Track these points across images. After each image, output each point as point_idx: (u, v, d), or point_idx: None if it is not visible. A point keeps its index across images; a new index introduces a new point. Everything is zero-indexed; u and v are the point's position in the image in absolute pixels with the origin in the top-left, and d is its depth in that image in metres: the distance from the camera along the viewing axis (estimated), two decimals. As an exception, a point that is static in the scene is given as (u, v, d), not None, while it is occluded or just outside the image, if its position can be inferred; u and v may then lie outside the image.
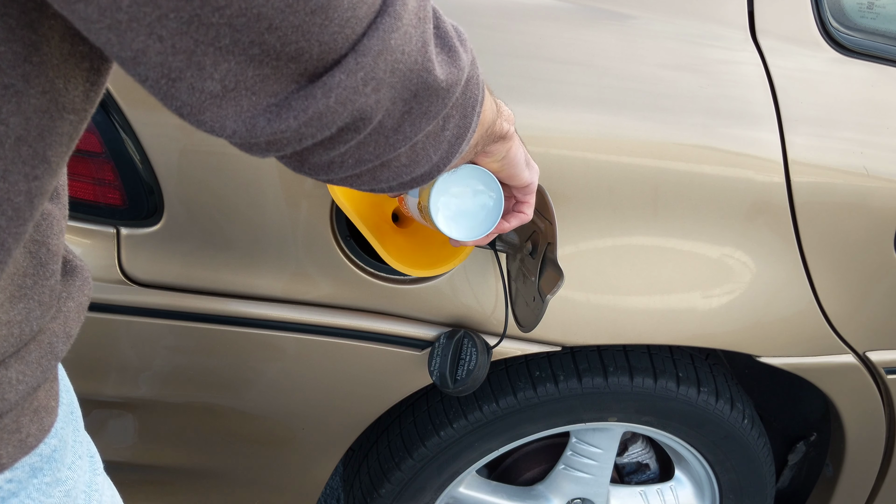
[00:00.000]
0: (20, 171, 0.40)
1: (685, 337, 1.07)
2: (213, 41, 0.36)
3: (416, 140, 0.47)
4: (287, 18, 0.36)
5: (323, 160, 0.45)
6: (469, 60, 0.49)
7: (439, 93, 0.46)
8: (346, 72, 0.39)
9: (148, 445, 1.09)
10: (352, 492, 1.26)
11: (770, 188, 1.01)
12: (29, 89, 0.38)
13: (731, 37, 1.03)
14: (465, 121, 0.51)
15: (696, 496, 1.38)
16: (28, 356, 0.48)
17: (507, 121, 0.66)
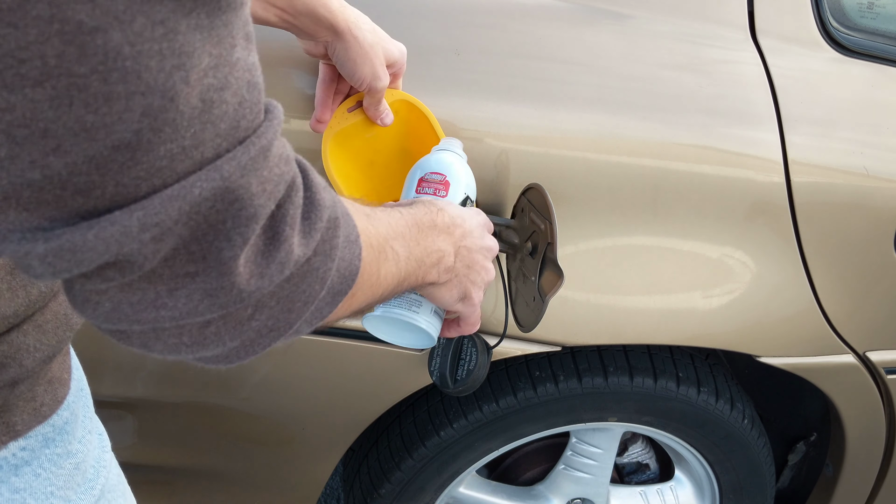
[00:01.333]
0: None
1: (685, 337, 1.07)
2: None
3: (195, 321, 0.39)
4: (82, 145, 0.30)
5: (81, 294, 0.37)
6: (303, 255, 0.42)
7: (236, 279, 0.38)
8: (127, 211, 0.33)
9: (148, 445, 1.09)
10: (352, 492, 1.26)
11: (770, 188, 1.01)
12: None
13: (731, 37, 1.03)
14: (287, 315, 0.43)
15: (696, 496, 1.38)
16: (45, 325, 0.49)
17: (441, 272, 0.63)
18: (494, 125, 0.92)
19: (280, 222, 0.40)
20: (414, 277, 0.60)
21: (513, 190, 0.94)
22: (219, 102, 0.34)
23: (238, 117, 0.36)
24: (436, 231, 0.63)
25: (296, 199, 0.41)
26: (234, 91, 0.35)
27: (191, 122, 0.33)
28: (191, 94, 0.32)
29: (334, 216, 0.45)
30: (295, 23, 0.76)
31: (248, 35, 0.36)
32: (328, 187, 0.46)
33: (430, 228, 0.63)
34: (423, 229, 0.62)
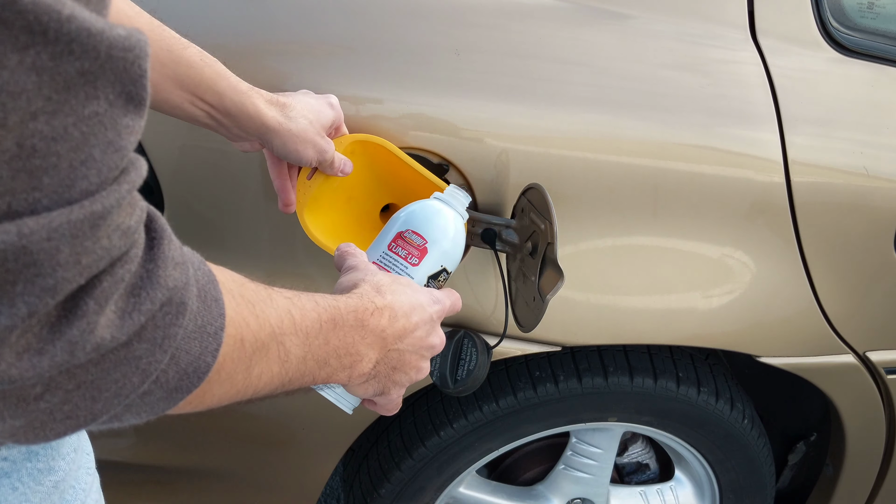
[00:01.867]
0: None
1: (685, 337, 1.07)
2: None
3: None
4: None
5: None
6: (112, 338, 0.36)
7: (2, 357, 0.32)
8: None
9: (148, 445, 1.09)
10: (352, 492, 1.26)
11: (770, 188, 1.01)
12: None
13: (731, 37, 1.03)
14: (88, 404, 0.37)
15: (696, 496, 1.38)
16: None
17: (353, 375, 0.58)
18: (494, 125, 0.92)
19: (84, 294, 0.34)
20: (310, 378, 0.55)
21: (513, 190, 0.94)
22: (45, 153, 0.31)
23: (74, 176, 0.32)
24: (362, 332, 0.57)
25: (118, 273, 0.35)
26: (73, 145, 0.32)
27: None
28: (4, 137, 0.30)
29: (179, 300, 0.38)
30: (225, 122, 0.74)
31: (130, 95, 0.33)
32: (185, 265, 0.40)
33: (355, 328, 0.56)
34: (343, 328, 0.55)
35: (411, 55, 0.91)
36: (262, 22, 0.91)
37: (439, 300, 0.69)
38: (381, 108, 0.89)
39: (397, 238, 0.74)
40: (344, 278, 0.65)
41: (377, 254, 0.74)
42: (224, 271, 0.46)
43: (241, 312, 0.45)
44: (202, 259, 0.44)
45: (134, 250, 0.36)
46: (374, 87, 0.89)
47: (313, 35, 0.91)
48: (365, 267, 0.66)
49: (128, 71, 0.33)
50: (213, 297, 0.42)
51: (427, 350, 0.66)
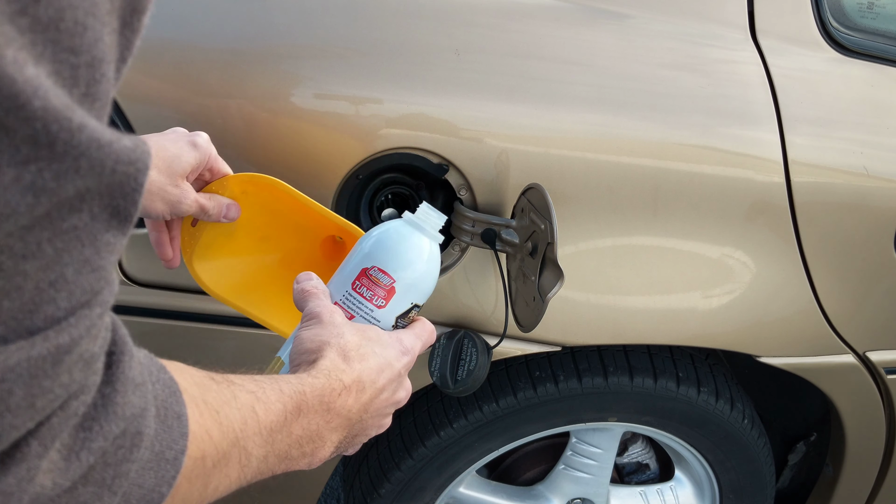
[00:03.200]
0: None
1: (685, 337, 1.07)
2: None
3: None
4: None
5: None
6: (65, 483, 0.31)
7: None
8: None
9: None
10: (352, 492, 1.26)
11: (770, 188, 1.01)
12: None
13: (731, 37, 1.03)
14: None
15: (696, 496, 1.38)
16: None
17: (313, 461, 0.56)
18: (494, 125, 0.92)
19: (27, 435, 0.29)
20: (268, 473, 0.51)
21: (513, 190, 0.94)
22: (11, 272, 0.26)
23: (40, 300, 0.27)
24: (327, 416, 0.54)
25: (71, 408, 0.30)
26: (43, 264, 0.27)
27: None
28: None
29: (135, 430, 0.34)
30: None
31: (117, 210, 0.29)
32: (144, 385, 0.35)
33: (321, 413, 0.53)
34: (308, 414, 0.52)
35: (411, 55, 0.91)
36: (262, 23, 0.91)
37: (408, 350, 0.64)
38: (381, 108, 0.89)
39: (361, 276, 0.66)
40: (307, 334, 0.60)
41: (340, 293, 0.67)
42: (185, 372, 0.42)
43: (203, 424, 0.41)
44: (161, 366, 0.38)
45: (92, 377, 0.31)
46: (374, 87, 0.89)
47: (313, 36, 0.91)
48: (329, 317, 0.61)
49: (122, 186, 0.28)
50: (176, 414, 0.37)
51: (392, 407, 0.63)
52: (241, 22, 0.92)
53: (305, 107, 0.89)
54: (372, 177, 0.93)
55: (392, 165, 0.92)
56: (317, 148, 0.89)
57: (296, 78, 0.89)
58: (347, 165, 0.90)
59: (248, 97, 0.88)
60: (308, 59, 0.89)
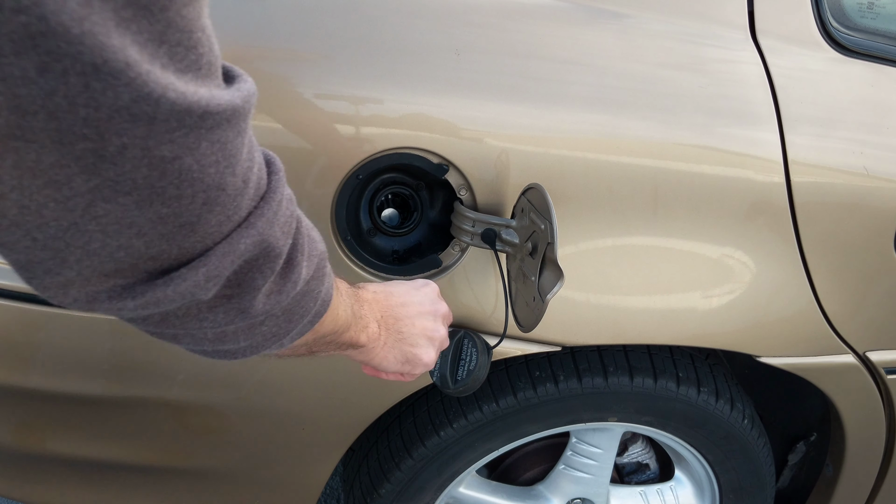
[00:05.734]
0: None
1: (685, 337, 1.07)
2: (84, 245, 0.38)
3: (226, 329, 0.50)
4: (156, 228, 0.40)
5: (143, 315, 0.46)
6: (308, 275, 0.53)
7: (258, 303, 0.49)
8: (192, 268, 0.43)
9: (148, 445, 1.09)
10: (352, 492, 1.26)
11: (770, 188, 1.01)
12: None
13: (731, 37, 1.03)
14: (287, 325, 0.54)
15: (696, 496, 1.38)
16: None
17: (367, 335, 0.72)
18: (494, 125, 0.92)
19: (295, 251, 0.50)
20: (353, 330, 0.69)
21: (513, 190, 0.94)
22: (251, 176, 0.44)
23: (258, 179, 0.45)
24: (357, 300, 0.71)
25: (303, 230, 0.51)
26: (256, 162, 0.44)
27: (234, 198, 0.42)
28: (235, 180, 0.42)
29: (323, 249, 0.56)
30: None
31: None
32: (320, 240, 0.57)
33: (353, 296, 0.71)
34: (348, 294, 0.69)
35: (411, 55, 0.91)
36: (261, 23, 0.91)
37: (426, 282, 0.83)
38: (381, 108, 0.89)
39: None
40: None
41: None
42: None
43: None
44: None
45: (297, 212, 0.51)
46: (374, 87, 0.89)
47: (313, 35, 0.91)
48: None
49: None
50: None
51: (430, 313, 0.80)
52: (240, 22, 0.92)
53: (305, 107, 0.89)
54: (372, 177, 0.93)
55: (392, 165, 0.92)
56: (317, 148, 0.89)
57: (295, 78, 0.89)
58: (347, 165, 0.90)
59: (248, 97, 0.88)
60: (308, 58, 0.89)
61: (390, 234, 0.98)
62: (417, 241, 1.00)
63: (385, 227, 0.97)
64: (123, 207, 0.37)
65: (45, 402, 1.04)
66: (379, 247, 0.98)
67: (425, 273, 0.98)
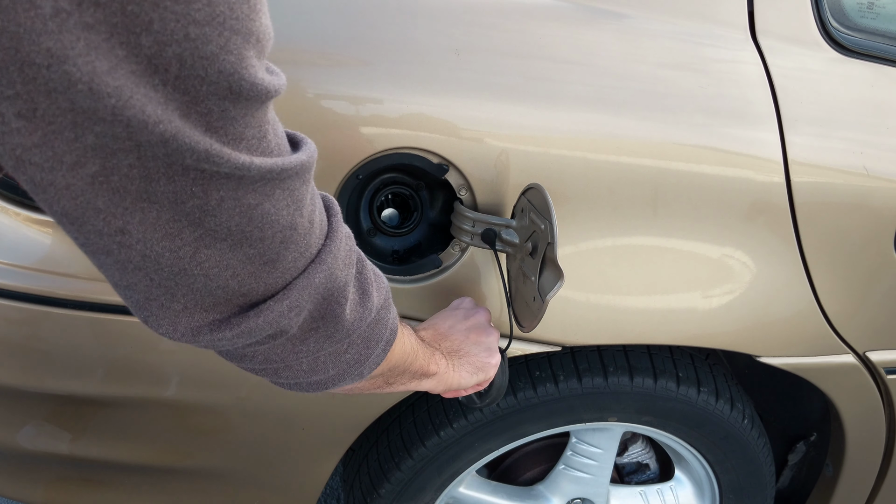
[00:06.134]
0: None
1: (685, 337, 1.07)
2: (190, 284, 0.47)
3: (318, 355, 0.58)
4: (246, 268, 0.48)
5: (240, 353, 0.55)
6: (379, 304, 0.62)
7: (343, 323, 0.57)
8: (277, 300, 0.51)
9: (148, 445, 1.09)
10: (352, 492, 1.26)
11: (770, 188, 1.01)
12: None
13: (730, 36, 1.03)
14: (366, 351, 0.62)
15: (696, 496, 1.38)
16: None
17: (437, 364, 0.80)
18: (494, 125, 0.92)
19: (363, 280, 0.60)
20: (422, 359, 0.76)
21: (513, 190, 0.94)
22: (315, 219, 0.52)
23: (322, 222, 0.54)
24: (413, 336, 0.77)
25: (366, 263, 0.61)
26: (318, 206, 0.54)
27: (304, 236, 0.51)
28: (303, 220, 0.50)
29: (386, 284, 0.65)
30: None
31: None
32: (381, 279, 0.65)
33: (409, 335, 0.77)
34: (404, 336, 0.75)
35: (411, 55, 0.91)
36: (262, 22, 0.91)
37: (459, 304, 0.93)
38: (381, 108, 0.89)
39: None
40: None
41: None
42: None
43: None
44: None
45: (356, 257, 0.59)
46: (374, 87, 0.89)
47: (312, 35, 0.91)
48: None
49: None
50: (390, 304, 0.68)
51: (473, 324, 0.88)
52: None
53: (305, 107, 0.89)
54: (372, 177, 0.93)
55: (392, 165, 0.92)
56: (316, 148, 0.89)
57: (295, 78, 0.89)
58: (347, 165, 0.90)
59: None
60: (307, 59, 0.89)
61: (390, 234, 0.98)
62: (417, 241, 1.00)
63: (385, 227, 0.97)
64: (220, 252, 0.46)
65: (45, 403, 1.04)
66: (379, 247, 0.98)
67: (425, 273, 0.98)
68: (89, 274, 0.93)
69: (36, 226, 0.93)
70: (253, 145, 0.45)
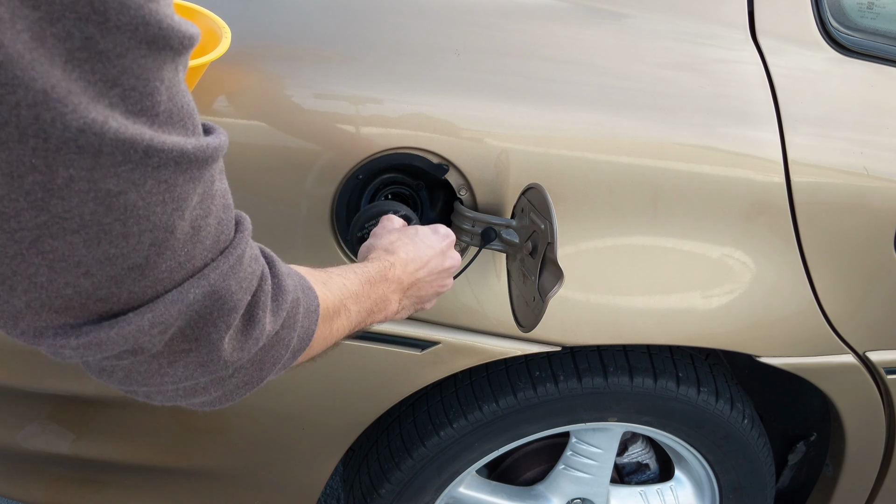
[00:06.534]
0: None
1: (685, 337, 1.07)
2: (31, 276, 0.39)
3: (196, 381, 0.50)
4: (104, 269, 0.40)
5: (97, 366, 0.47)
6: (272, 330, 0.52)
7: (221, 355, 0.49)
8: (138, 313, 0.43)
9: (148, 445, 1.09)
10: (352, 492, 1.26)
11: (770, 188, 1.01)
12: None
13: (730, 37, 1.03)
14: (260, 373, 0.54)
15: (696, 496, 1.38)
16: None
17: (387, 315, 0.77)
18: (494, 125, 0.92)
19: (255, 308, 0.50)
20: (364, 324, 0.72)
21: (513, 190, 0.94)
22: (204, 226, 0.44)
23: (217, 233, 0.46)
24: (385, 283, 0.76)
25: (265, 287, 0.51)
26: (214, 215, 0.45)
27: (184, 244, 0.43)
28: (184, 225, 0.43)
29: (296, 297, 0.56)
30: None
31: (222, 169, 0.46)
32: (290, 273, 0.57)
33: (381, 281, 0.75)
34: (374, 283, 0.74)
35: (411, 55, 0.91)
36: (261, 23, 0.91)
37: (447, 234, 0.87)
38: (381, 108, 0.89)
39: None
40: (363, 246, 0.84)
41: None
42: (299, 268, 0.62)
43: (321, 293, 0.62)
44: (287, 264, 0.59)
45: (264, 270, 0.52)
46: (374, 87, 0.89)
47: (313, 36, 0.91)
48: (381, 229, 0.86)
49: (222, 155, 0.46)
50: (308, 287, 0.59)
51: (445, 272, 0.85)
52: (241, 22, 0.92)
53: (305, 107, 0.89)
54: (372, 177, 0.93)
55: (392, 165, 0.92)
56: (317, 148, 0.89)
57: (295, 78, 0.89)
58: (347, 165, 0.90)
59: (248, 97, 0.88)
60: (308, 59, 0.89)
61: (390, 234, 0.98)
62: (417, 241, 1.00)
63: (385, 227, 0.97)
64: (71, 245, 0.38)
65: (46, 402, 1.04)
66: (379, 247, 0.98)
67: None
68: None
69: (36, 226, 0.93)
70: (127, 99, 0.37)
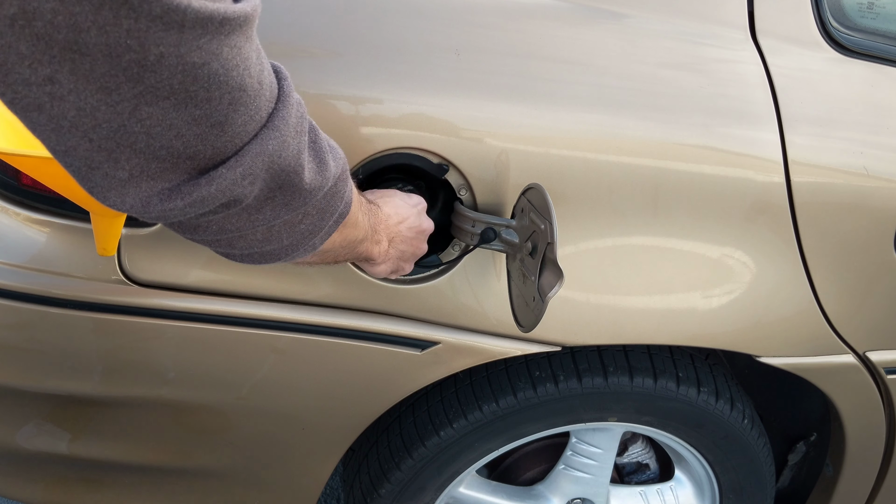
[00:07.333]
0: None
1: (685, 337, 1.07)
2: (132, 144, 0.45)
3: (274, 224, 0.58)
4: (192, 129, 0.47)
5: (192, 224, 0.54)
6: (335, 174, 0.62)
7: (302, 192, 0.57)
8: (229, 167, 0.50)
9: (147, 445, 1.09)
10: (352, 492, 1.26)
11: (770, 188, 1.01)
12: None
13: (730, 36, 1.03)
14: (321, 221, 0.62)
15: (696, 496, 1.38)
16: None
17: (380, 252, 0.82)
18: (494, 125, 0.92)
19: (319, 147, 0.59)
20: (369, 241, 0.77)
21: (513, 190, 0.94)
22: (264, 80, 0.51)
23: (271, 84, 0.52)
24: (375, 217, 0.80)
25: (320, 133, 0.60)
26: (266, 68, 0.52)
27: (254, 98, 0.49)
28: (252, 81, 0.49)
29: (343, 155, 0.65)
30: None
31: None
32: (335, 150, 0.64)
33: (373, 213, 0.79)
34: (369, 211, 0.78)
35: (411, 55, 0.91)
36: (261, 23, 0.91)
37: (419, 201, 0.90)
38: (381, 108, 0.89)
39: None
40: None
41: None
42: None
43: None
44: None
45: (308, 126, 0.59)
46: (374, 87, 0.89)
47: (313, 35, 0.91)
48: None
49: None
50: (335, 147, 0.66)
51: (422, 233, 0.89)
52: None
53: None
54: (372, 177, 0.93)
55: (392, 165, 0.92)
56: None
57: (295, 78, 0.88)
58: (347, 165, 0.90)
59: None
60: (307, 59, 0.89)
61: (390, 234, 0.98)
62: (417, 241, 1.00)
63: (385, 227, 0.97)
64: (163, 110, 0.44)
65: (45, 403, 1.05)
66: (379, 247, 0.98)
67: (425, 273, 0.99)
68: (89, 274, 0.93)
69: (36, 226, 0.93)
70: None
